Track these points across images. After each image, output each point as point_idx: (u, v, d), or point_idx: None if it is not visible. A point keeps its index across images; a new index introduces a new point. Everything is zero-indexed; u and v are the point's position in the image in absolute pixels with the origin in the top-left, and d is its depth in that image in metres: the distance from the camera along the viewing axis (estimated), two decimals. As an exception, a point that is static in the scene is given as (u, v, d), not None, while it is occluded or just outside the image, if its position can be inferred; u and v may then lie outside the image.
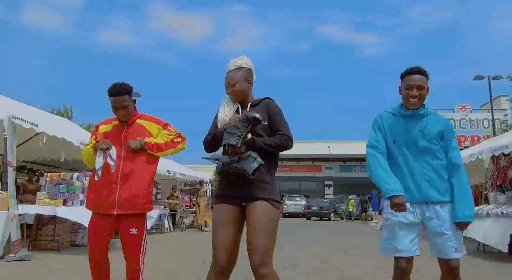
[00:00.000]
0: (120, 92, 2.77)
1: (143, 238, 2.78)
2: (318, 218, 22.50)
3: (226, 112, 2.31)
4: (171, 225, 11.89)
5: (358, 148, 26.38)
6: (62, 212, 6.37)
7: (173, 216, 12.60)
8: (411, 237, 2.33)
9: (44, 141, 6.03)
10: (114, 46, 71.05)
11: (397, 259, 2.35)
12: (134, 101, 2.88)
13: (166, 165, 12.54)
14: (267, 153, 2.19)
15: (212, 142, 2.31)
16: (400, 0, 72.34)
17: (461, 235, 2.34)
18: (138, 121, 2.89)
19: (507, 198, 7.09)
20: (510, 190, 7.31)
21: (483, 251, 7.51)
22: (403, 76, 2.46)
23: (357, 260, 6.59)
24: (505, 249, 6.17)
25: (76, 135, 7.17)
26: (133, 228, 2.75)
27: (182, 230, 12.15)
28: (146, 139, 2.80)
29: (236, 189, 2.20)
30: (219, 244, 2.17)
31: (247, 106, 2.33)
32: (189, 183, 14.51)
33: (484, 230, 6.73)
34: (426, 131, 2.38)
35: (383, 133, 2.44)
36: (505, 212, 6.40)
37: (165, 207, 11.75)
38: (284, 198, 28.24)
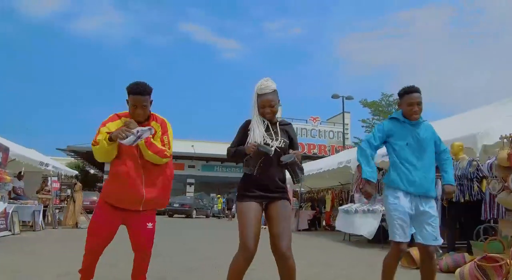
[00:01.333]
0: (143, 92, 2.72)
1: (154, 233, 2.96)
2: (184, 216, 22.37)
3: (258, 135, 2.63)
4: (42, 222, 10.81)
5: (221, 148, 27.48)
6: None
7: (43, 212, 11.43)
8: (408, 225, 2.82)
9: None
10: None
11: (400, 243, 2.77)
12: (151, 102, 2.83)
13: (39, 157, 11.39)
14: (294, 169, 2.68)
15: (234, 156, 2.68)
16: (262, 12, 77.95)
17: (438, 229, 2.84)
18: (153, 123, 2.87)
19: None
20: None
21: (348, 240, 9.34)
22: (402, 94, 2.93)
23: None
24: (371, 237, 7.85)
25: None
26: (149, 223, 2.90)
27: (54, 228, 11.16)
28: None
29: (261, 191, 2.62)
30: (252, 233, 2.45)
31: (275, 124, 2.74)
32: (62, 176, 13.29)
33: (355, 224, 8.39)
34: (426, 135, 2.92)
35: (383, 134, 2.95)
36: (371, 209, 8.12)
37: (38, 203, 10.66)
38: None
